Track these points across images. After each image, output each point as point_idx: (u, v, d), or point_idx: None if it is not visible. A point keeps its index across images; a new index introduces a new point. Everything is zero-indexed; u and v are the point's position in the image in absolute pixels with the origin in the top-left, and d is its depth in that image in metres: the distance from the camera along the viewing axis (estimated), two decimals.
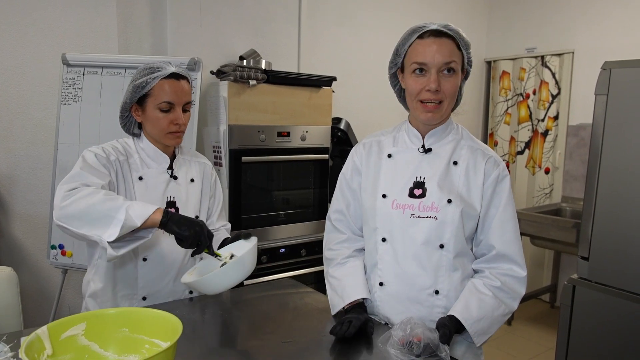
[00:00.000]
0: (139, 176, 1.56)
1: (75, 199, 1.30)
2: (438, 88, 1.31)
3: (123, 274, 1.56)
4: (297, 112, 2.88)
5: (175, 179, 1.62)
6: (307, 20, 3.34)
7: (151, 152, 1.60)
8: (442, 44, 1.31)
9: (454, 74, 1.33)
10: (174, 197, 1.60)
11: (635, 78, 2.03)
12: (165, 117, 1.52)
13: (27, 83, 2.52)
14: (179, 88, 1.52)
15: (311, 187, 3.05)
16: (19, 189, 2.56)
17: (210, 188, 1.74)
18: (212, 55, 2.92)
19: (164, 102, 1.50)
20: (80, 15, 2.60)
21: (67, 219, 1.29)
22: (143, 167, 1.58)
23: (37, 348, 0.98)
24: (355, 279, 1.45)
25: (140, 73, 1.52)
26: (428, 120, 1.38)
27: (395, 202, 1.39)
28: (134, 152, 1.58)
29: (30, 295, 2.60)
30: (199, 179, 1.69)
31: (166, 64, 1.53)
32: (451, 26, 1.34)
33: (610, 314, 2.12)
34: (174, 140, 1.57)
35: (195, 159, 1.73)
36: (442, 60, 1.30)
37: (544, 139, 4.09)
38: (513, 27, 4.35)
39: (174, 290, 1.63)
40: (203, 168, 1.73)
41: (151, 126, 1.55)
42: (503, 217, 1.37)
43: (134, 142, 1.61)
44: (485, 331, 1.32)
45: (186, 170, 1.67)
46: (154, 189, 1.57)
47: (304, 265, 2.96)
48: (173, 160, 1.64)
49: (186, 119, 1.57)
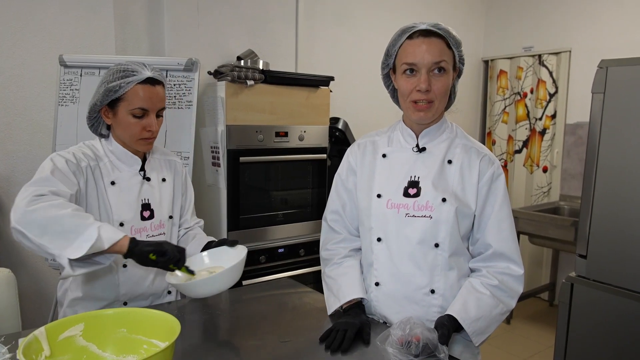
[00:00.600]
0: (112, 181, 1.51)
1: (43, 206, 1.23)
2: (428, 88, 1.31)
3: (103, 282, 1.52)
4: (295, 112, 2.88)
5: (149, 181, 1.59)
6: (304, 20, 3.34)
7: (121, 154, 1.54)
8: (431, 44, 1.31)
9: (445, 73, 1.33)
10: (148, 199, 1.57)
11: (631, 76, 2.04)
12: (137, 123, 1.46)
13: (24, 85, 2.51)
14: (154, 94, 1.47)
15: (309, 187, 3.05)
16: (17, 190, 2.50)
17: (182, 186, 1.71)
18: (209, 55, 2.92)
19: (137, 108, 1.45)
20: (78, 17, 2.60)
21: (28, 225, 1.21)
22: (114, 170, 1.52)
23: (35, 349, 0.98)
24: (351, 279, 1.45)
25: (113, 75, 1.45)
26: (420, 120, 1.38)
27: (390, 201, 1.39)
28: (103, 155, 1.52)
29: (29, 296, 2.59)
30: (171, 178, 1.66)
31: (141, 67, 1.46)
32: (441, 25, 1.34)
33: (609, 312, 2.13)
34: (145, 147, 1.53)
35: (164, 157, 1.69)
36: (432, 60, 1.31)
37: (541, 137, 4.09)
38: (510, 26, 4.35)
39: (154, 293, 1.62)
40: (174, 166, 1.70)
41: (122, 131, 1.49)
42: (499, 215, 1.38)
43: (102, 145, 1.54)
44: (483, 330, 1.32)
45: (158, 171, 1.63)
46: (128, 192, 1.53)
47: (303, 265, 2.96)
48: (144, 161, 1.60)
49: (159, 125, 1.52)
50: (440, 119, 1.43)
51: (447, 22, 1.37)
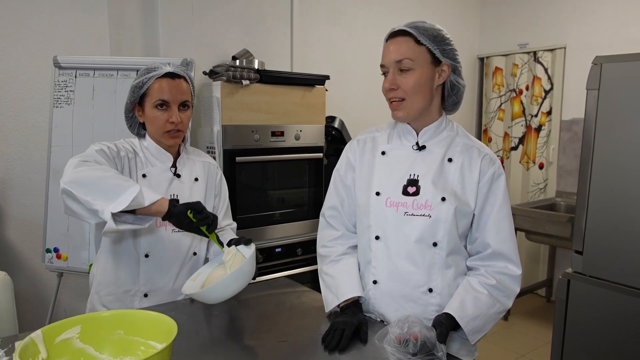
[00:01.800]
0: (143, 174, 1.59)
1: (89, 168, 1.36)
2: (393, 87, 1.35)
3: (125, 269, 1.59)
4: (291, 112, 2.87)
5: (179, 177, 1.65)
6: (299, 19, 3.33)
7: (154, 150, 1.63)
8: (396, 43, 1.35)
9: (411, 70, 1.33)
10: (177, 195, 1.63)
11: (625, 72, 2.05)
12: (161, 116, 1.55)
13: (19, 86, 2.50)
14: (174, 86, 1.55)
15: (306, 186, 3.05)
16: (12, 192, 2.54)
17: (215, 187, 1.76)
18: (204, 55, 2.92)
19: (159, 100, 1.54)
20: (72, 18, 2.59)
21: (75, 184, 1.31)
22: (147, 165, 1.61)
23: (32, 352, 0.98)
24: (349, 277, 1.45)
25: (139, 75, 1.57)
26: (397, 118, 1.41)
27: (389, 199, 1.39)
28: (139, 150, 1.62)
29: (26, 299, 2.59)
30: (204, 178, 1.72)
31: (164, 65, 1.57)
32: (414, 23, 1.34)
33: (605, 307, 2.14)
34: (172, 140, 1.60)
35: (199, 159, 1.75)
36: (394, 59, 1.34)
37: (537, 134, 4.10)
38: (505, 24, 4.36)
39: (175, 289, 1.64)
40: (208, 167, 1.75)
41: (150, 125, 1.59)
42: (499, 215, 1.38)
43: (139, 142, 1.65)
44: (480, 329, 1.33)
45: (190, 169, 1.69)
46: (157, 187, 1.60)
47: (300, 264, 2.96)
48: (177, 159, 1.67)
49: (185, 118, 1.59)
50: (439, 117, 1.43)
51: (442, 20, 1.37)
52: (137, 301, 1.60)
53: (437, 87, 1.39)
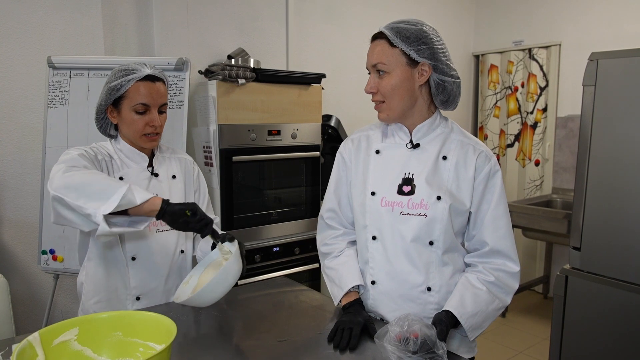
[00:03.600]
0: (120, 176, 1.55)
1: (77, 173, 1.33)
2: (373, 90, 1.37)
3: (115, 274, 1.56)
4: (287, 110, 2.87)
5: (157, 177, 1.62)
6: (294, 18, 3.33)
7: (129, 152, 1.59)
8: (373, 46, 1.37)
9: (386, 73, 1.34)
10: (157, 195, 1.58)
11: (622, 68, 2.05)
12: (140, 119, 1.52)
13: (12, 87, 2.48)
14: (154, 90, 1.52)
15: (303, 185, 3.04)
16: (7, 194, 2.52)
17: (193, 183, 1.74)
18: (199, 54, 2.90)
19: (139, 104, 1.50)
20: (66, 17, 2.57)
21: (66, 190, 1.28)
22: (123, 167, 1.58)
23: (29, 355, 0.97)
24: (350, 267, 1.47)
25: (115, 75, 1.52)
26: (381, 119, 1.42)
27: (384, 199, 1.39)
28: (112, 153, 1.58)
29: (22, 301, 2.57)
30: (181, 175, 1.70)
31: (141, 66, 1.52)
32: (393, 23, 1.34)
33: (603, 303, 2.14)
34: (150, 143, 1.58)
35: (175, 156, 1.73)
36: (371, 63, 1.37)
37: (533, 131, 4.11)
38: (500, 21, 4.36)
39: (167, 289, 1.63)
40: (184, 164, 1.73)
41: (127, 128, 1.54)
42: (496, 213, 1.37)
43: (111, 144, 1.60)
44: (479, 326, 1.33)
45: (167, 168, 1.67)
46: None
47: (298, 263, 2.94)
48: (152, 158, 1.64)
49: (162, 121, 1.57)
50: (430, 115, 1.42)
51: (437, 17, 1.37)
52: (130, 305, 1.58)
53: (421, 87, 1.36)
